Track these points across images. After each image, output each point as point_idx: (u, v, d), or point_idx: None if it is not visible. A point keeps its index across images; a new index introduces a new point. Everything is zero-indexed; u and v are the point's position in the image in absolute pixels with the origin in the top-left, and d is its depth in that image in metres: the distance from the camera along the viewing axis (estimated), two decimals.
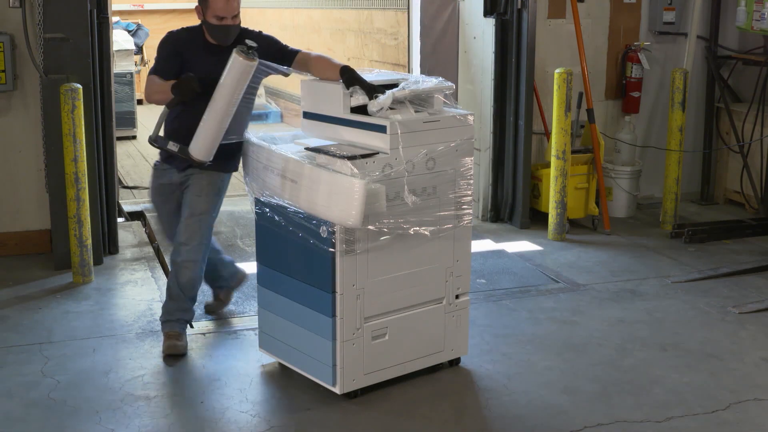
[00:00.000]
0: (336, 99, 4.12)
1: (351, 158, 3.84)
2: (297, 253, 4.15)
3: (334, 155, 3.90)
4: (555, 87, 6.46)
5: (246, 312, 5.21)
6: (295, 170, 4.01)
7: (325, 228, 3.93)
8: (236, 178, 4.64)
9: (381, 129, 3.95)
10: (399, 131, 3.93)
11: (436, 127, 4.08)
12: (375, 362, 4.17)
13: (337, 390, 4.11)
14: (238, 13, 4.43)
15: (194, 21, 4.55)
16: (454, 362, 4.48)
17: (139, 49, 13.43)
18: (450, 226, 4.21)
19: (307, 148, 4.08)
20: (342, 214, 3.81)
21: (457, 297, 4.36)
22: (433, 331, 4.32)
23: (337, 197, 3.81)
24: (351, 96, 4.09)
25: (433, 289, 4.27)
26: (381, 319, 4.14)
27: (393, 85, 4.10)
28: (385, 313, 4.15)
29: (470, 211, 4.31)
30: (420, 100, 4.09)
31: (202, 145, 4.37)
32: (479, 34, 7.10)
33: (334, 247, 3.93)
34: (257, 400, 4.19)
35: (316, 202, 3.92)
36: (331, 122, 4.16)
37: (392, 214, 3.98)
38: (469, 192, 4.26)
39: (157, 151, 4.65)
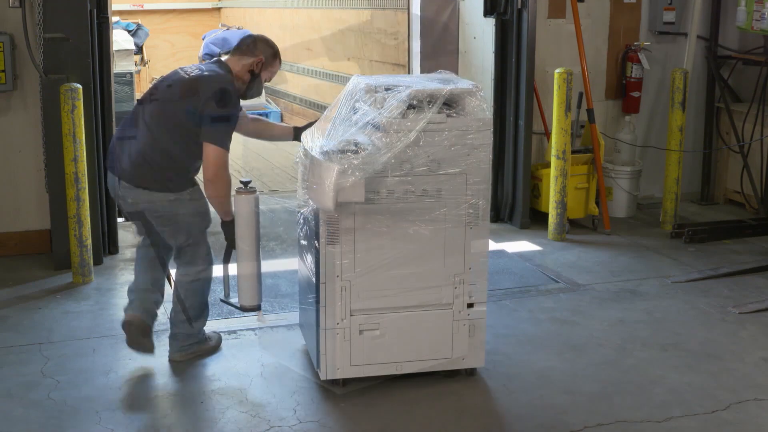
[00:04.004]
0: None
1: (340, 151, 3.92)
2: (309, 243, 4.32)
3: (332, 152, 3.97)
4: (555, 87, 6.46)
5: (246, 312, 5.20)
6: (305, 160, 4.22)
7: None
8: (234, 178, 4.63)
9: (381, 128, 3.96)
10: (398, 131, 3.95)
11: (441, 129, 4.03)
12: (364, 356, 4.20)
13: (321, 375, 4.23)
14: None
15: (194, 22, 4.58)
16: (470, 372, 4.42)
17: (139, 49, 13.43)
18: (454, 229, 4.17)
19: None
20: (320, 197, 3.94)
21: (470, 306, 4.27)
22: (437, 336, 4.28)
23: (320, 181, 3.93)
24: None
25: (438, 293, 4.23)
26: (371, 314, 4.17)
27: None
28: (376, 309, 4.17)
29: (485, 219, 4.21)
30: (448, 101, 4.07)
31: (248, 291, 4.48)
32: (479, 34, 7.11)
33: (318, 238, 4.07)
34: (257, 400, 4.19)
35: (311, 187, 4.08)
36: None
37: (381, 209, 4.04)
38: (482, 199, 4.16)
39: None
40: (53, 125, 5.72)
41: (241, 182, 4.42)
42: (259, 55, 4.47)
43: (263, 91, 4.71)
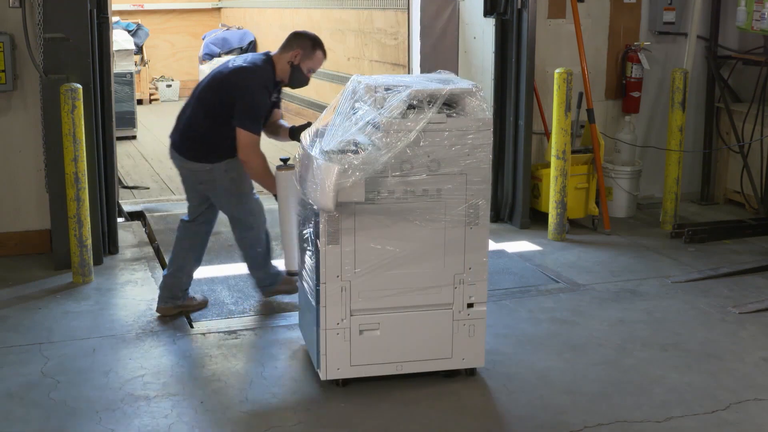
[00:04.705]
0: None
1: (340, 151, 3.93)
2: (309, 243, 4.35)
3: (332, 152, 3.97)
4: (555, 87, 6.46)
5: (246, 312, 5.21)
6: (305, 161, 4.24)
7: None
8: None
9: (381, 128, 3.96)
10: (398, 131, 3.95)
11: (441, 129, 4.03)
12: (364, 356, 4.20)
13: (321, 375, 4.23)
14: None
15: (194, 22, 4.64)
16: (470, 372, 4.42)
17: (139, 49, 13.44)
18: (454, 229, 4.16)
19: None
20: (320, 197, 3.95)
21: (470, 306, 4.28)
22: (437, 336, 4.28)
23: (319, 181, 3.95)
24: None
25: (438, 293, 4.23)
26: (371, 314, 4.17)
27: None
28: (376, 309, 4.18)
29: (485, 219, 4.21)
30: (448, 101, 4.07)
31: (289, 257, 4.88)
32: (479, 34, 7.11)
33: (318, 238, 4.07)
34: (257, 400, 4.19)
35: (310, 187, 4.09)
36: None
37: (381, 209, 4.04)
38: (482, 199, 4.17)
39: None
40: (53, 125, 5.72)
41: (281, 160, 4.81)
42: (296, 49, 4.93)
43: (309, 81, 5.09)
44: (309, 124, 4.62)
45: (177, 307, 5.14)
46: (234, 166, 4.92)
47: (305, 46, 4.94)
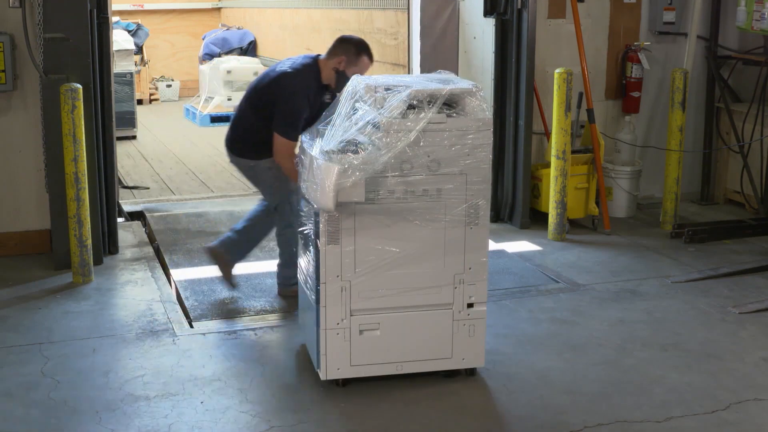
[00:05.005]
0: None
1: (340, 151, 3.93)
2: (309, 243, 4.35)
3: (332, 152, 3.97)
4: (555, 87, 6.46)
5: (246, 312, 5.21)
6: (305, 160, 4.26)
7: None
8: (235, 178, 4.70)
9: (381, 128, 3.96)
10: (398, 131, 3.95)
11: (441, 129, 4.03)
12: (364, 355, 4.21)
13: (321, 375, 4.22)
14: None
15: (194, 22, 4.64)
16: (470, 372, 4.42)
17: (139, 49, 13.44)
18: (454, 229, 4.17)
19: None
20: (320, 197, 3.96)
21: (470, 306, 4.28)
22: (437, 336, 4.28)
23: (319, 181, 3.96)
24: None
25: (438, 293, 4.23)
26: (371, 314, 4.17)
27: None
28: (376, 309, 4.18)
29: (485, 219, 4.21)
30: (448, 101, 4.08)
31: None
32: (479, 34, 7.11)
33: (318, 238, 4.07)
34: (257, 400, 4.19)
35: (311, 187, 4.10)
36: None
37: (381, 209, 4.04)
38: (482, 199, 4.17)
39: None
40: (53, 125, 5.72)
41: None
42: (341, 56, 5.02)
43: None
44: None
45: (225, 259, 5.38)
46: (276, 164, 5.04)
47: (350, 53, 5.02)
